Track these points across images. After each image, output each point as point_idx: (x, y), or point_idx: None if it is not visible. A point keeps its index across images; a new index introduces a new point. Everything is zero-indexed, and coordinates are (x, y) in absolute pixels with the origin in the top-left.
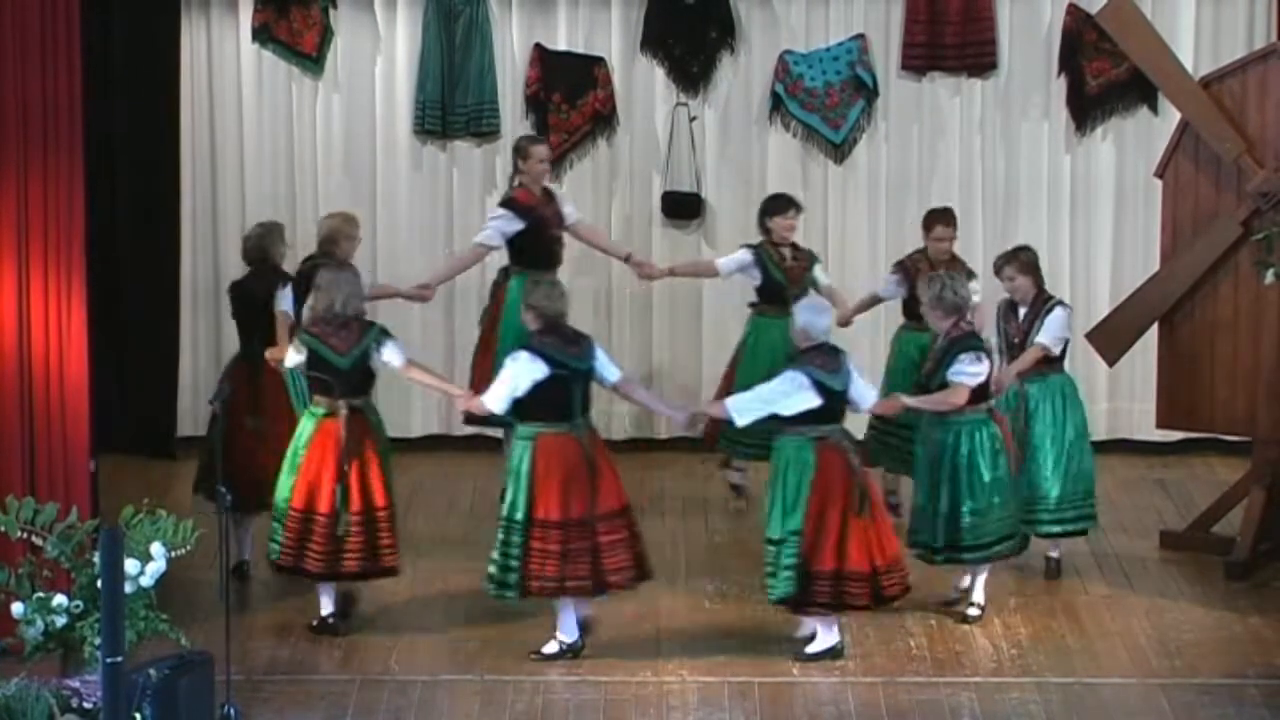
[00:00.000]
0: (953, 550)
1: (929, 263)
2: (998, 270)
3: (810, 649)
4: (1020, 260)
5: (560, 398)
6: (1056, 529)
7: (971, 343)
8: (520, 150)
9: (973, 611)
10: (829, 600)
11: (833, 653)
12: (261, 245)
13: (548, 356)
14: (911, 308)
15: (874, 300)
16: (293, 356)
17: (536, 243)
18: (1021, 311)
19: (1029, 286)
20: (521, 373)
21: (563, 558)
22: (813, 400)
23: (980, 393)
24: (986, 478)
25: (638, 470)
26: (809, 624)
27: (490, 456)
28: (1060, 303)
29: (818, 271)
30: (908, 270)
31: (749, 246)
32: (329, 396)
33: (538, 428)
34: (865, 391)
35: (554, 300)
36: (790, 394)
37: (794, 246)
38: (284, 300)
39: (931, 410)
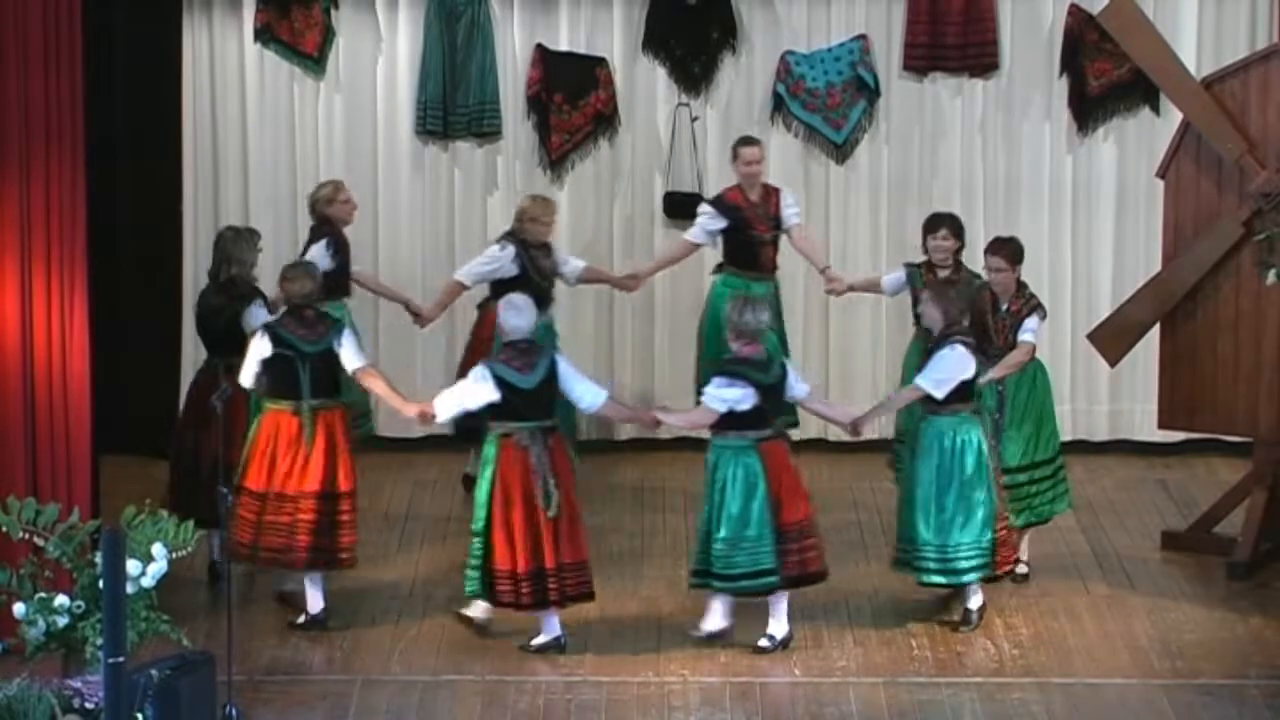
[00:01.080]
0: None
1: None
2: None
3: (536, 641)
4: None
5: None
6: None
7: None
8: (731, 152)
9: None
10: (511, 600)
11: (556, 645)
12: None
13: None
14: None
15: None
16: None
17: (741, 243)
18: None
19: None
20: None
21: None
22: (491, 394)
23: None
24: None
25: (641, 470)
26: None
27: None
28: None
29: None
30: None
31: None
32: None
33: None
34: (575, 387)
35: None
36: (472, 388)
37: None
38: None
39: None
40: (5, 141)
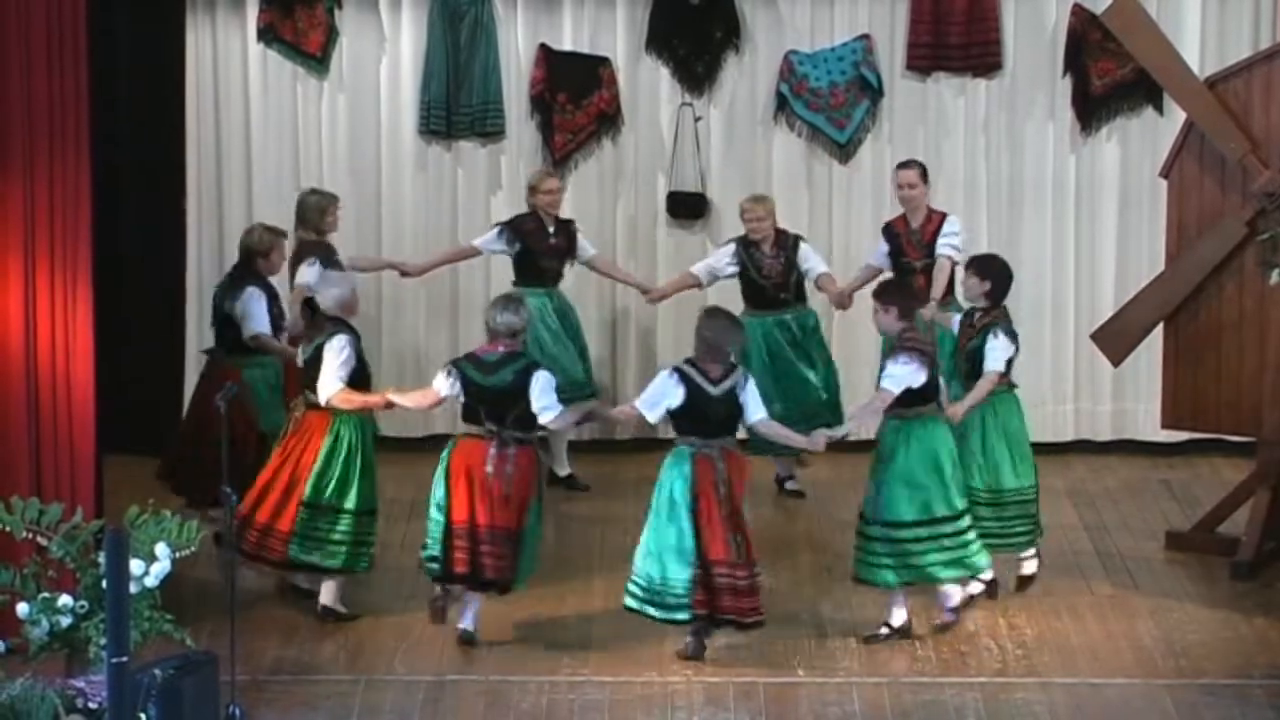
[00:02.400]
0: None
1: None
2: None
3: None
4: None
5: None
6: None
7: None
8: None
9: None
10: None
11: None
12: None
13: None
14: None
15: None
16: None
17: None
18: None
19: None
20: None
21: None
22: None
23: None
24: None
25: (646, 470)
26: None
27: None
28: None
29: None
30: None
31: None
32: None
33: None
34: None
35: None
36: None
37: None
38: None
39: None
40: (9, 140)
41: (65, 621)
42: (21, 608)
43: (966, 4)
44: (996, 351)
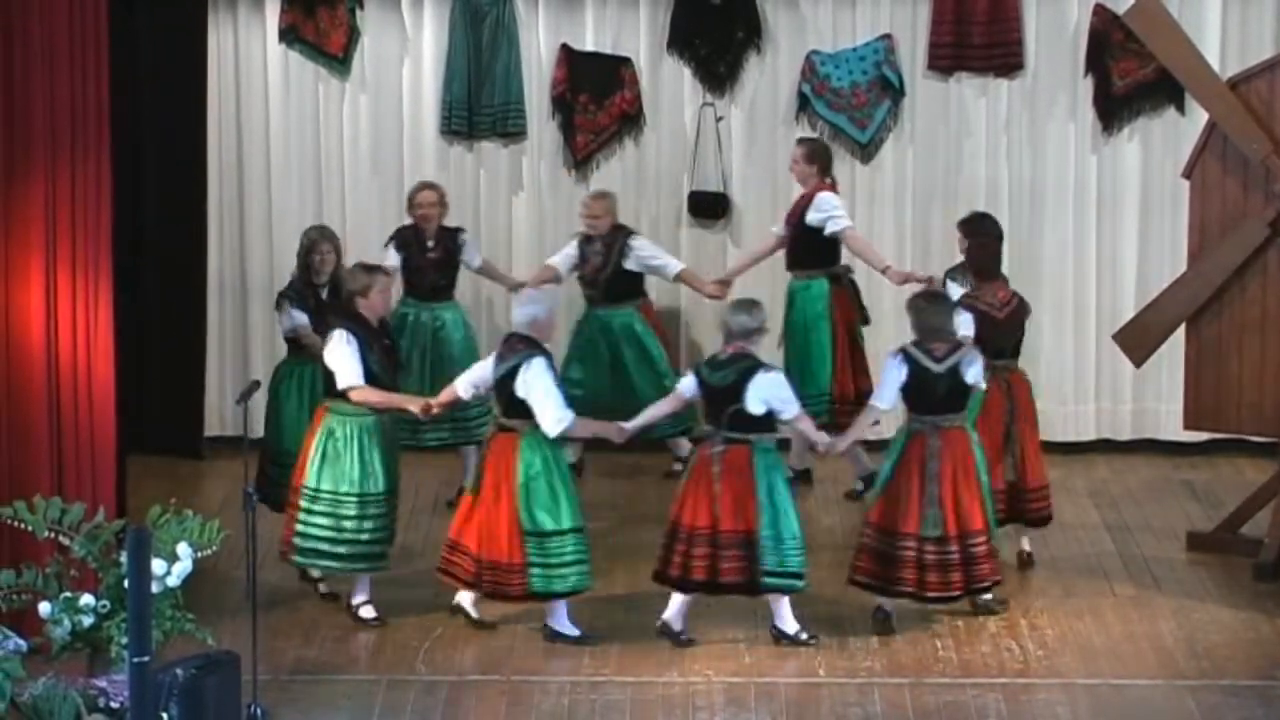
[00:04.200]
0: None
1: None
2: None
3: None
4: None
5: None
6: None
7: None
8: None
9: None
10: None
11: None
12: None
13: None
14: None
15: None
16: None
17: None
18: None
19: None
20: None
21: None
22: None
23: None
24: None
25: (664, 469)
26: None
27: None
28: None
29: None
30: None
31: None
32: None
33: None
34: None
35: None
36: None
37: None
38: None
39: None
40: (31, 142)
41: (87, 621)
42: (44, 607)
43: (988, 4)
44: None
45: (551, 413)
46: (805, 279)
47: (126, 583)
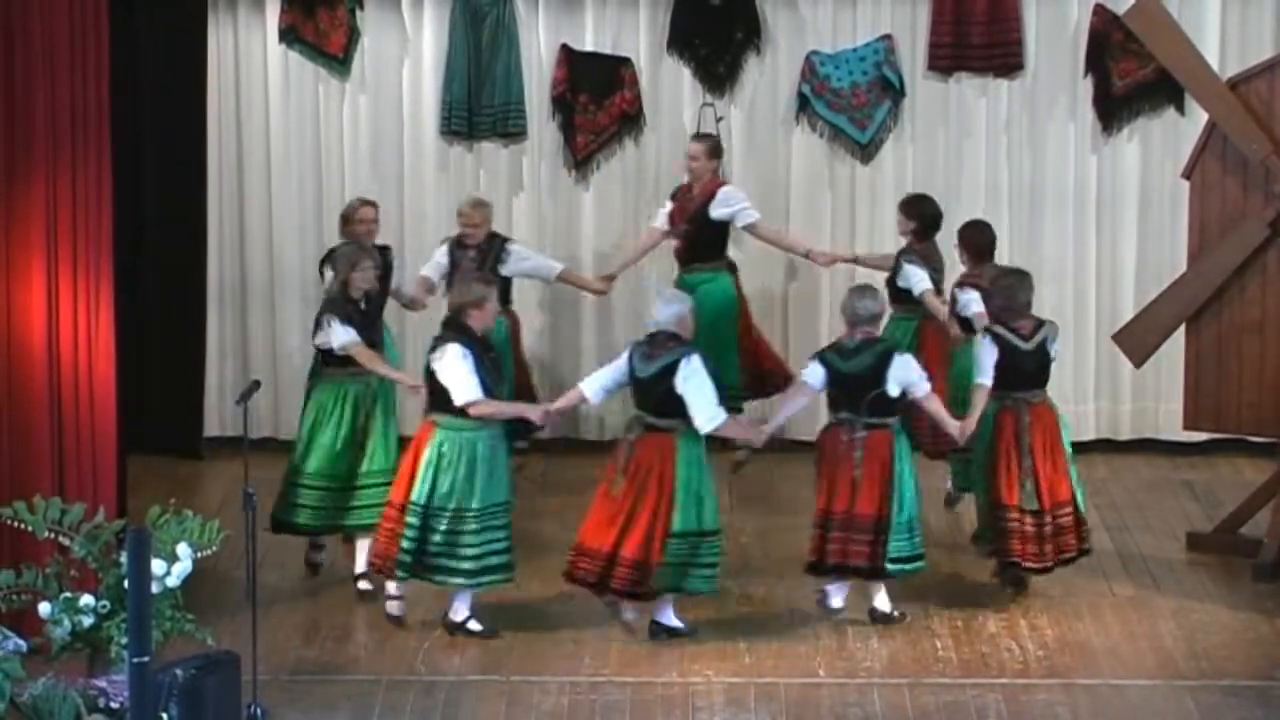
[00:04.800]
0: None
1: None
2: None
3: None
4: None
5: None
6: None
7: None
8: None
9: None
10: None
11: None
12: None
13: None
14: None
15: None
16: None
17: None
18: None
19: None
20: None
21: None
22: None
23: None
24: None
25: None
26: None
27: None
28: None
29: None
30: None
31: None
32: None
33: None
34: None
35: None
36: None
37: None
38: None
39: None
40: (32, 143)
41: (87, 621)
42: (44, 607)
43: (988, 4)
44: (914, 276)
45: (708, 410)
46: (709, 272)
47: (126, 583)
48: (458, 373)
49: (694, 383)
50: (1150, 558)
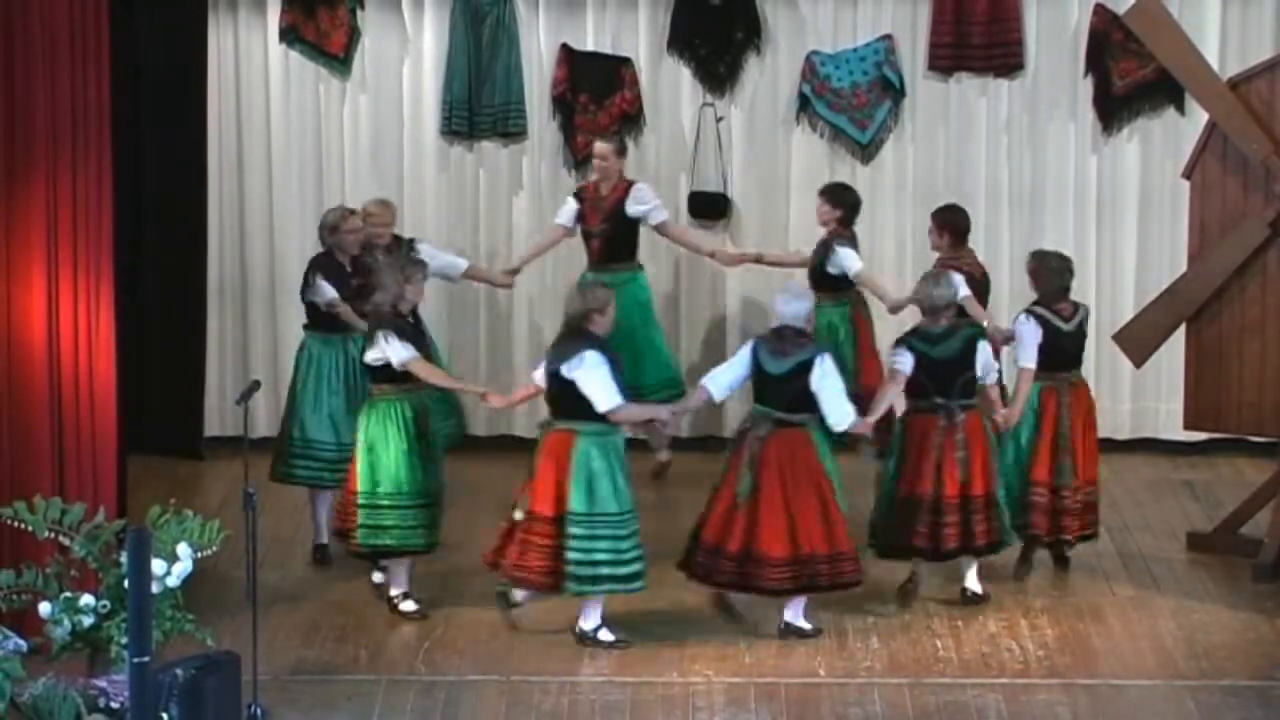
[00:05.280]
0: None
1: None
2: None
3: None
4: (1030, 264)
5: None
6: None
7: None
8: None
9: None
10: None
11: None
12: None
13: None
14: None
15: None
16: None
17: None
18: None
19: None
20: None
21: None
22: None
23: None
24: None
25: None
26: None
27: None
28: (1024, 311)
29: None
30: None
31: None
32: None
33: None
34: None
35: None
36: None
37: None
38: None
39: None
40: (32, 142)
41: (87, 621)
42: (44, 607)
43: (988, 4)
44: (847, 258)
45: (845, 406)
46: (628, 272)
47: (126, 583)
48: (600, 380)
49: (829, 381)
50: (1150, 558)
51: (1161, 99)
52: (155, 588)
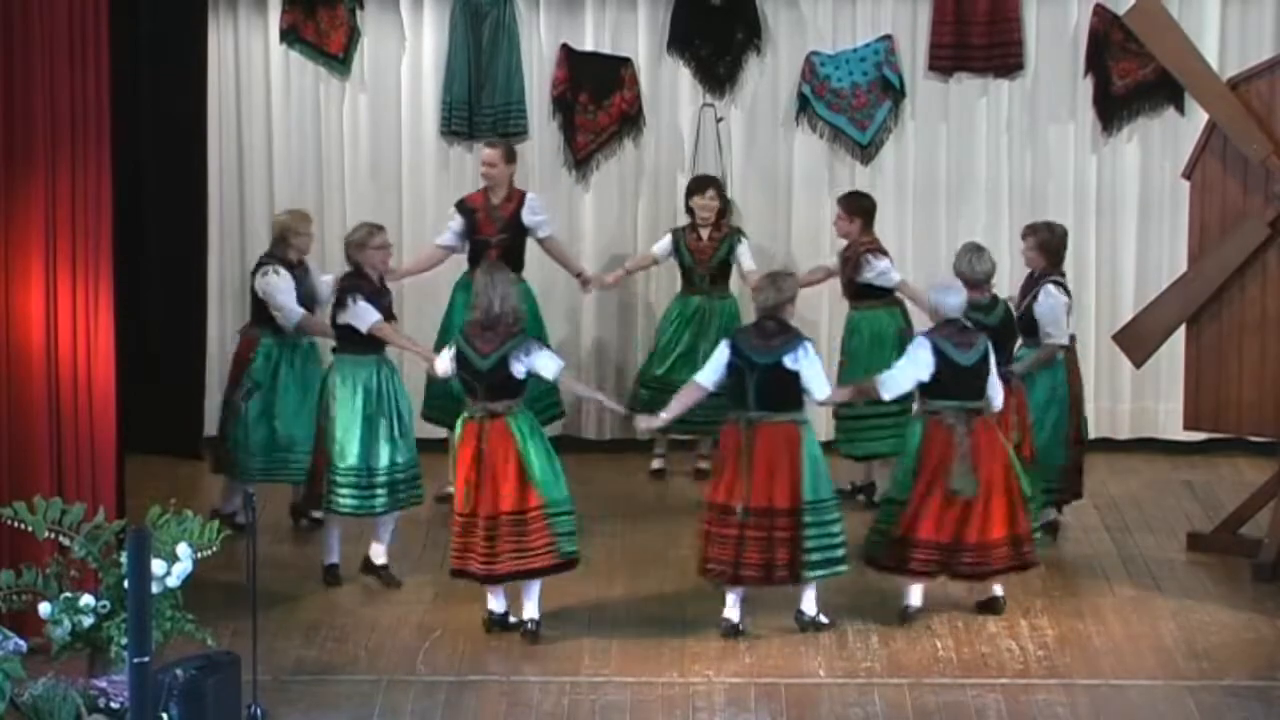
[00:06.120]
0: None
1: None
2: (1023, 236)
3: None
4: (1038, 237)
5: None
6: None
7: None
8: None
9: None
10: (920, 567)
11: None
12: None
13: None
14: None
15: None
16: (444, 362)
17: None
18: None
19: (1037, 262)
20: None
21: None
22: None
23: None
24: None
25: (644, 472)
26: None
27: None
28: (1054, 282)
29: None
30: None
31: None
32: (472, 399)
33: None
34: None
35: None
36: (910, 364)
37: (714, 226)
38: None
39: None
40: (31, 142)
41: (87, 621)
42: (44, 607)
43: (989, 5)
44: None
45: (1001, 394)
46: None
47: (126, 583)
48: (819, 370)
49: (994, 369)
50: (1151, 558)
51: (1161, 99)
52: (155, 588)
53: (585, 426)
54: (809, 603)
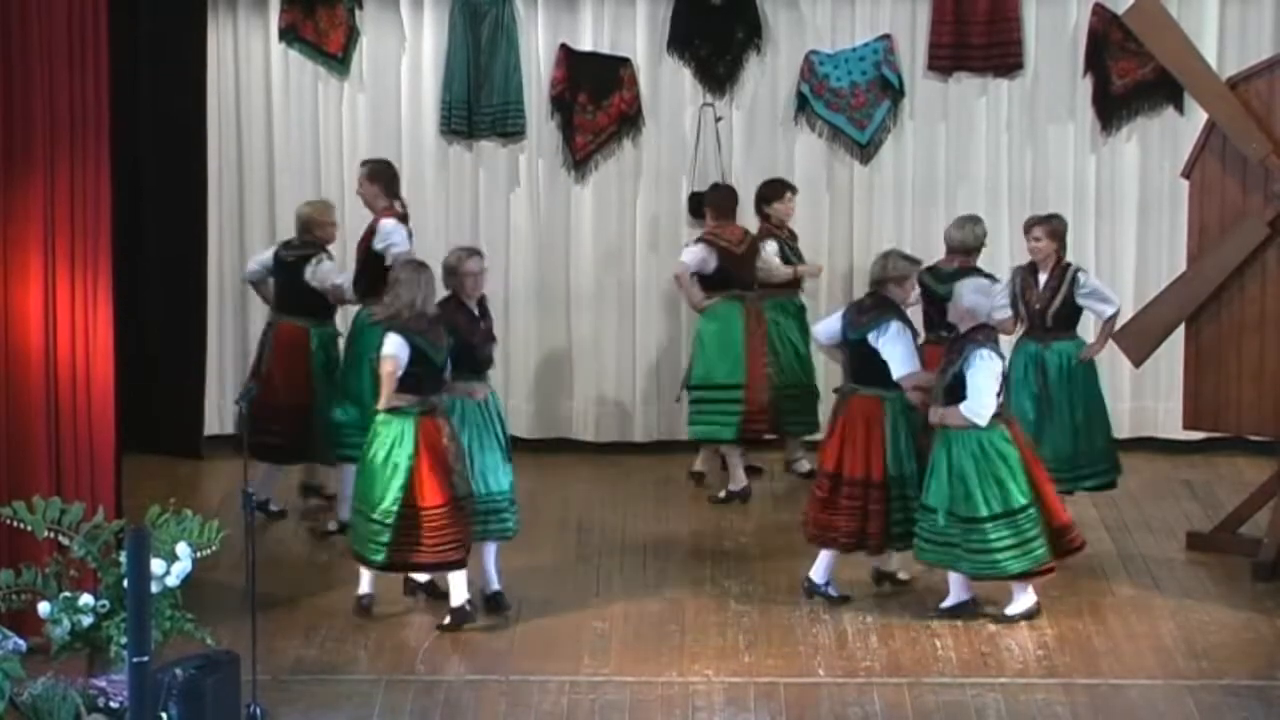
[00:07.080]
0: None
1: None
2: (1027, 229)
3: (1012, 610)
4: (1050, 226)
5: None
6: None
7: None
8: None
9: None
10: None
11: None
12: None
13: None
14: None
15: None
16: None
17: None
18: (1042, 279)
19: (1050, 252)
20: None
21: None
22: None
23: None
24: None
25: (660, 471)
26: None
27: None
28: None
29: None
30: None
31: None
32: (419, 394)
33: None
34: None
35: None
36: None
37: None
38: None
39: None
40: (30, 141)
41: (86, 621)
42: (43, 607)
43: (988, 4)
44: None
45: (983, 405)
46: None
47: (126, 582)
48: (901, 348)
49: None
50: (1151, 557)
51: (1160, 99)
52: (155, 587)
53: (578, 428)
54: (896, 561)
